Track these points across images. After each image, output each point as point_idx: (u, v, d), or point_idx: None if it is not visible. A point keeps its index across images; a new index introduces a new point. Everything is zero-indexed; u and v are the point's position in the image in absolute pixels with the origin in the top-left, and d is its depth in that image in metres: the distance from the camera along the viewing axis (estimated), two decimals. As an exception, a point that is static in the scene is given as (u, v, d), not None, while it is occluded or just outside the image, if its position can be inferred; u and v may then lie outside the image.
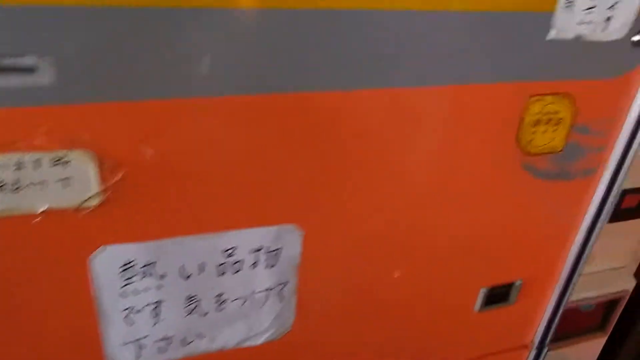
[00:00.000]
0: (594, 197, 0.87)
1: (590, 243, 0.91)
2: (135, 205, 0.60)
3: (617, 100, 0.78)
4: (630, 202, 0.97)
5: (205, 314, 0.71)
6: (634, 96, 0.78)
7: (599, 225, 0.90)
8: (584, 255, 0.92)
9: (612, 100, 0.78)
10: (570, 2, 0.66)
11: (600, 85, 0.76)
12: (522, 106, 0.73)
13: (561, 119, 0.76)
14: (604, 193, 0.87)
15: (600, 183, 0.86)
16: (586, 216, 0.89)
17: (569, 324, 1.05)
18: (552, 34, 0.68)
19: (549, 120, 0.76)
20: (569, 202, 0.88)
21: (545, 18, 0.67)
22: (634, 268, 1.14)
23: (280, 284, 0.74)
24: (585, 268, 0.95)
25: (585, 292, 1.04)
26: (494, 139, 0.75)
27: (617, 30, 0.70)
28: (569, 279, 0.95)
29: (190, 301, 0.69)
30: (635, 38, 0.72)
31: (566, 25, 0.67)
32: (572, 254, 0.92)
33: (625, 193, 0.93)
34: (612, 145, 0.83)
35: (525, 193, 0.82)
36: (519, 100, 0.72)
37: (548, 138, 0.77)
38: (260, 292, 0.73)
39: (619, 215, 0.95)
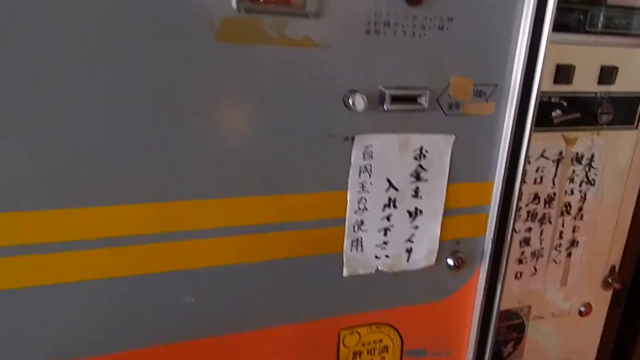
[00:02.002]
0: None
1: None
2: None
3: (448, 321, 0.73)
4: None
5: None
6: (468, 314, 0.73)
7: None
8: None
9: (443, 321, 0.72)
10: (357, 241, 0.64)
11: (426, 309, 0.71)
12: (335, 341, 0.68)
13: (386, 346, 0.71)
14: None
15: (461, 398, 0.78)
16: None
17: None
18: (346, 272, 0.64)
19: (373, 349, 0.70)
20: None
21: (337, 258, 0.64)
22: None
23: None
24: None
25: None
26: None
27: (423, 258, 0.67)
28: None
29: None
30: (450, 262, 0.69)
31: (360, 262, 0.65)
32: None
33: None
34: (463, 360, 0.76)
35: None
36: (330, 336, 0.68)
37: (377, 366, 0.71)
38: None
39: None
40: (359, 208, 0.62)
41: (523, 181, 0.67)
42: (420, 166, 0.63)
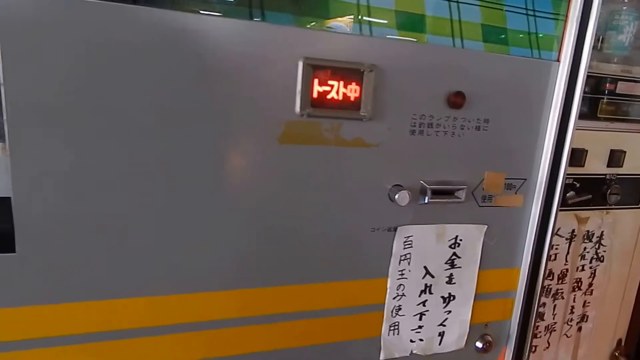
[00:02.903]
0: None
1: None
2: None
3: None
4: None
5: None
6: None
7: None
8: None
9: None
10: (394, 326, 0.66)
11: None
12: None
13: None
14: None
15: None
16: None
17: None
18: (383, 356, 0.66)
19: None
20: None
21: (374, 342, 0.66)
22: None
23: None
24: None
25: None
26: None
27: (454, 342, 0.69)
28: None
29: None
30: (478, 345, 0.71)
31: (396, 345, 0.66)
32: None
33: None
34: None
35: None
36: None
37: None
38: None
39: None
40: (398, 294, 0.64)
41: (546, 266, 0.71)
42: (455, 254, 0.66)
